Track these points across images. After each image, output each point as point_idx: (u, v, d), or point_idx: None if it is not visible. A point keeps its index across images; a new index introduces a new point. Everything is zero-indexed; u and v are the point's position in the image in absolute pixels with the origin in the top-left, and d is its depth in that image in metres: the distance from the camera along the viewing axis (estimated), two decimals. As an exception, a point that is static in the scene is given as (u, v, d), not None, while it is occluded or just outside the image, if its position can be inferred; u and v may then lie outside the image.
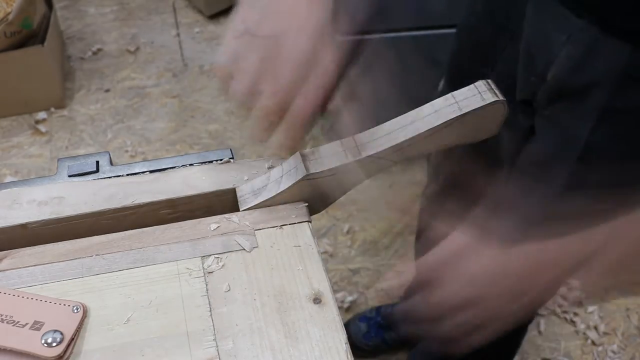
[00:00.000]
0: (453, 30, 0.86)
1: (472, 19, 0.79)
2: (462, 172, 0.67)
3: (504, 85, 0.70)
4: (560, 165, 0.66)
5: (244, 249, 0.50)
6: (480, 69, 0.74)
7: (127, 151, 1.77)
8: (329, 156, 0.53)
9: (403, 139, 0.52)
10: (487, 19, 0.74)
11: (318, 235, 1.58)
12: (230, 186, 0.56)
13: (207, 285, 0.48)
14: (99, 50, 2.07)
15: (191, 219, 0.53)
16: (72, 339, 0.44)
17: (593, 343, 1.43)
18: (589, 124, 0.62)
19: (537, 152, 0.70)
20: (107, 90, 1.94)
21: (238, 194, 0.55)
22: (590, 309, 1.48)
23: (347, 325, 1.38)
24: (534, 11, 0.65)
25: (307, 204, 0.54)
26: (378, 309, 1.39)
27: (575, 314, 1.47)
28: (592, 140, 0.62)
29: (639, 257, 0.50)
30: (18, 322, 0.44)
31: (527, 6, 0.65)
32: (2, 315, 0.44)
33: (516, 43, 0.69)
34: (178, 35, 2.15)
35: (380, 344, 1.36)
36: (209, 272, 0.49)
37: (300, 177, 0.52)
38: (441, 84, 0.98)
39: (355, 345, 1.36)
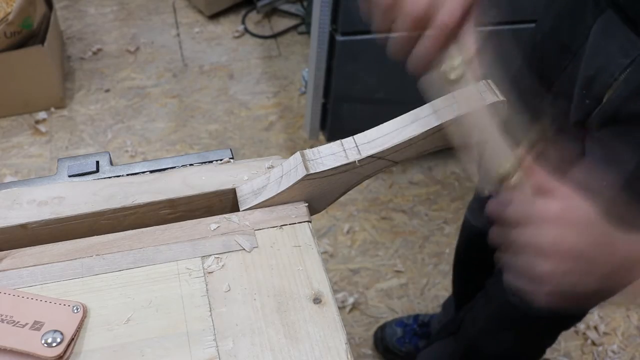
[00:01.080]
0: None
1: (538, 36, 0.78)
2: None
3: (560, 105, 0.70)
4: (605, 191, 0.65)
5: (244, 249, 0.50)
6: (538, 86, 0.74)
7: (127, 151, 1.77)
8: (329, 156, 0.53)
9: (403, 139, 0.52)
10: (553, 38, 0.73)
11: (318, 235, 1.58)
12: (230, 186, 0.55)
13: (207, 285, 0.48)
14: (99, 50, 2.07)
15: (191, 219, 0.53)
16: (72, 339, 0.44)
17: (593, 343, 1.43)
18: (639, 153, 0.61)
19: (583, 174, 0.69)
20: (107, 90, 1.94)
21: (238, 194, 0.55)
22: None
23: (383, 328, 1.39)
24: (599, 32, 0.64)
25: (307, 204, 0.54)
26: (416, 317, 1.40)
27: (575, 314, 1.47)
28: None
29: None
30: (18, 322, 0.44)
31: (592, 27, 0.64)
32: (2, 315, 0.44)
33: (577, 64, 0.68)
34: (178, 35, 2.15)
35: (412, 350, 1.36)
36: (209, 272, 0.49)
37: (300, 177, 0.52)
38: None
39: (387, 348, 1.37)
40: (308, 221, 0.53)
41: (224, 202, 0.56)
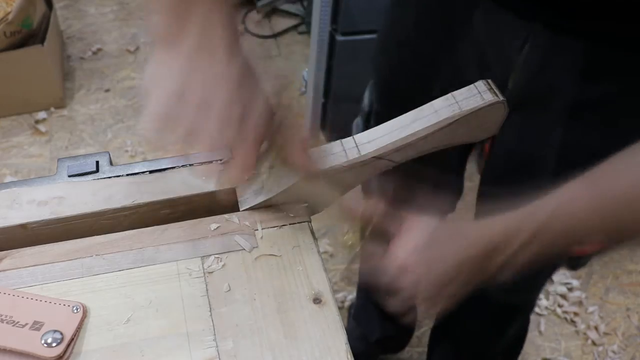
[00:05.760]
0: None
1: (401, 35, 0.76)
2: (407, 186, 0.67)
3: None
4: (542, 166, 0.67)
5: (244, 249, 0.50)
6: (419, 84, 0.73)
7: (127, 151, 1.77)
8: (329, 156, 0.53)
9: (403, 139, 0.52)
10: (424, 34, 0.72)
11: (318, 235, 1.58)
12: (230, 186, 0.56)
13: (207, 285, 0.48)
14: (99, 50, 2.07)
15: (191, 219, 0.53)
16: (72, 339, 0.44)
17: (593, 343, 1.43)
18: (562, 123, 0.63)
19: (516, 156, 0.70)
20: (107, 90, 1.94)
21: (238, 194, 0.55)
22: (591, 309, 1.48)
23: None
24: (483, 21, 0.65)
25: (307, 204, 0.54)
26: None
27: (576, 314, 1.47)
28: (569, 138, 0.63)
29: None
30: (18, 322, 0.44)
31: (473, 18, 0.65)
32: (2, 315, 0.44)
33: (462, 55, 0.68)
34: (178, 35, 2.15)
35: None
36: (209, 272, 0.49)
37: (300, 177, 0.52)
38: (358, 119, 0.98)
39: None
40: (308, 221, 0.53)
41: (224, 202, 0.56)
